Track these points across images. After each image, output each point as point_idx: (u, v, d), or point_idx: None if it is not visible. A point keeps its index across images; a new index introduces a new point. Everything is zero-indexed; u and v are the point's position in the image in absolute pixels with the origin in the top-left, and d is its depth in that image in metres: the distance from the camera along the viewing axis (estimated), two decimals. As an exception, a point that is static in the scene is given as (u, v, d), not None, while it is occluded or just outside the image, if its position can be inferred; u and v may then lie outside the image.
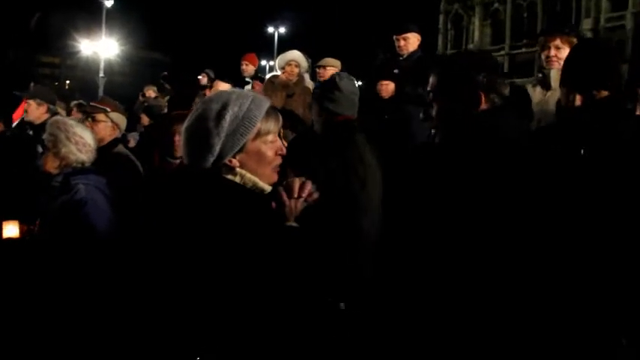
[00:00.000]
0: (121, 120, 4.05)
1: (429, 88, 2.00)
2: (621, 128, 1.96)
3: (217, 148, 1.72)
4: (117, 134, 3.98)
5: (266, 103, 1.81)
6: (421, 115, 2.03)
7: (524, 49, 47.36)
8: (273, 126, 1.80)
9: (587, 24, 43.45)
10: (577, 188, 1.76)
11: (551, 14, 48.57)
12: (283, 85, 5.91)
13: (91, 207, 2.80)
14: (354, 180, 3.00)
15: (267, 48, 38.69)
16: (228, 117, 1.71)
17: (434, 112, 1.97)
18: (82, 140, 3.11)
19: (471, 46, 54.60)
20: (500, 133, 1.80)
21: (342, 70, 5.97)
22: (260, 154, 1.78)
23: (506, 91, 1.90)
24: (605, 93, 2.11)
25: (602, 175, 1.80)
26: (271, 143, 1.80)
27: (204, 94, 6.40)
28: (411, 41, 5.12)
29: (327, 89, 3.31)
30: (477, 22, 54.68)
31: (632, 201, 1.75)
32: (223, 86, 6.32)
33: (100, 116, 3.89)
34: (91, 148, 3.15)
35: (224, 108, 1.73)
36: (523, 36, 49.20)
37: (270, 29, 44.68)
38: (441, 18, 56.09)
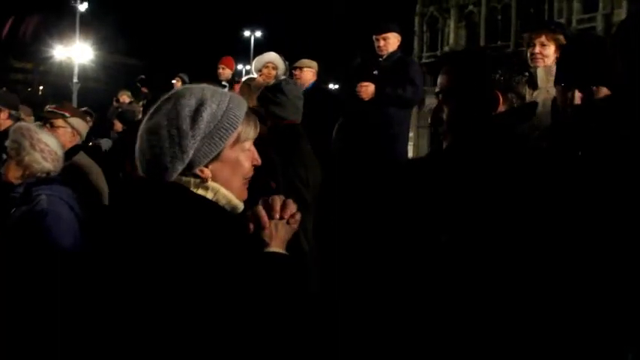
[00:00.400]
0: (82, 126, 3.87)
1: (437, 89, 1.77)
2: (621, 127, 1.84)
3: (190, 154, 1.42)
4: (77, 141, 3.81)
5: (244, 104, 1.55)
6: (429, 119, 1.84)
7: (499, 51, 47.84)
8: (252, 131, 1.55)
9: (560, 25, 44.13)
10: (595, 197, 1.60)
11: (525, 17, 49.35)
12: (260, 88, 5.74)
13: (53, 219, 2.47)
14: (299, 183, 3.09)
15: (243, 52, 38.48)
16: (205, 116, 1.43)
17: (444, 116, 1.73)
18: (47, 148, 2.92)
19: (446, 48, 55.18)
20: (519, 137, 1.63)
21: (319, 72, 5.87)
22: (237, 165, 1.51)
23: (524, 90, 1.72)
24: (604, 90, 2.01)
25: (606, 179, 1.65)
26: (248, 151, 1.54)
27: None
28: (391, 41, 5.03)
29: (273, 94, 3.35)
30: (452, 24, 55.20)
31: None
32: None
33: (59, 122, 3.72)
34: (57, 157, 2.96)
35: (201, 104, 1.44)
36: (497, 38, 49.84)
37: (247, 33, 44.53)
38: (417, 20, 56.46)
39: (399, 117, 4.90)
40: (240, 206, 1.53)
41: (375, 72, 5.01)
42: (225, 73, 7.72)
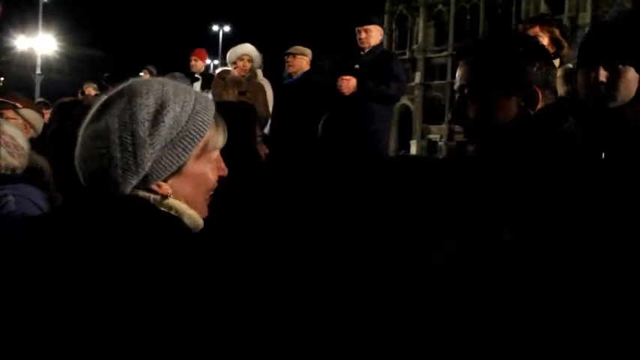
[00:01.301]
0: (35, 118, 3.63)
1: (460, 83, 1.48)
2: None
3: (147, 166, 1.16)
4: (31, 134, 3.54)
5: (212, 105, 1.28)
6: (450, 116, 1.57)
7: (467, 50, 48.53)
8: (221, 139, 1.29)
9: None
10: None
11: (493, 17, 50.12)
12: (235, 81, 5.49)
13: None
14: None
15: (212, 46, 38.03)
16: (167, 120, 1.17)
17: (471, 114, 1.46)
18: (12, 142, 2.67)
19: (415, 46, 55.67)
20: (569, 139, 1.37)
21: (312, 61, 5.67)
22: (201, 179, 1.25)
23: (556, 86, 1.48)
24: (632, 72, 1.80)
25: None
26: (215, 162, 1.29)
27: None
28: (374, 34, 4.88)
29: None
30: (421, 23, 55.72)
31: None
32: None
33: (9, 113, 3.46)
34: (24, 152, 2.71)
35: (162, 106, 1.18)
36: (466, 37, 50.40)
37: (215, 27, 44.08)
38: (386, 18, 56.77)
39: (380, 113, 4.76)
40: (201, 225, 1.27)
41: (357, 66, 4.87)
42: (198, 65, 7.49)
